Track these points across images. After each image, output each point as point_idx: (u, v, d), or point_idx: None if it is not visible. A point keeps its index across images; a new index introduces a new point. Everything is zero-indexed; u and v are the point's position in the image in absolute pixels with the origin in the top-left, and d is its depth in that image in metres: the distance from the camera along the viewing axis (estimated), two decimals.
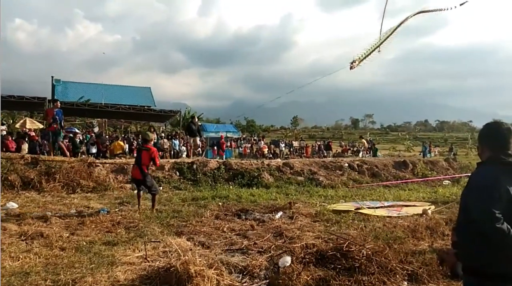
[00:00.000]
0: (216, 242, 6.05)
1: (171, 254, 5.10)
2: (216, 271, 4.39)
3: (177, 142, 21.06)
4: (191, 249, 5.36)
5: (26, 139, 17.62)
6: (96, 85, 31.47)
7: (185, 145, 21.22)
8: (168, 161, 13.90)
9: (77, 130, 26.24)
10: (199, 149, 16.89)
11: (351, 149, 36.64)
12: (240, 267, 4.86)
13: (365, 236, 5.37)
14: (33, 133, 19.42)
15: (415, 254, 5.24)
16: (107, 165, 12.39)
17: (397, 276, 4.43)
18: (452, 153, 31.57)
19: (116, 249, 5.41)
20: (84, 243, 5.70)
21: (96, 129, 31.81)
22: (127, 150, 19.33)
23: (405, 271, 4.54)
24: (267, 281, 4.50)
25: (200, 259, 4.43)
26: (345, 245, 4.66)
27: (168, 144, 20.57)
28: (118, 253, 5.18)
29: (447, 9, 10.86)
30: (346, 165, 15.42)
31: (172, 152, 20.16)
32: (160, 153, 19.14)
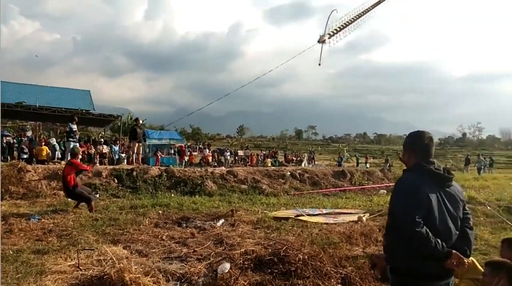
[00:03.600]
0: (154, 250, 5.92)
1: (106, 263, 4.92)
2: (152, 279, 4.32)
3: (117, 148, 20.31)
4: (127, 257, 5.21)
5: None
6: (31, 87, 29.53)
7: (125, 151, 20.54)
8: (106, 168, 13.39)
9: (7, 133, 24.51)
10: (139, 154, 16.34)
11: (295, 158, 37.52)
12: (178, 275, 4.79)
13: (302, 241, 5.53)
14: None
15: (349, 258, 5.48)
16: (40, 170, 11.69)
17: (332, 279, 4.61)
18: (388, 164, 33.35)
19: (46, 257, 5.13)
20: (11, 252, 5.34)
21: (29, 133, 29.89)
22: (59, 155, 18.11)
23: (339, 275, 4.74)
24: None
25: (136, 267, 4.34)
26: (283, 250, 4.78)
27: (107, 150, 19.78)
28: (48, 262, 4.91)
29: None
30: (289, 173, 15.77)
31: (111, 158, 19.38)
32: (98, 157, 18.39)
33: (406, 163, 2.88)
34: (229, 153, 32.35)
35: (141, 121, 17.74)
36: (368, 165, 33.52)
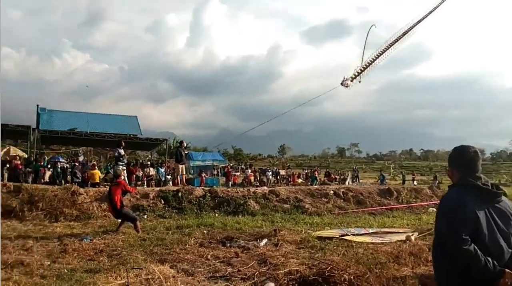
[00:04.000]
0: (199, 269, 6.01)
1: (154, 281, 5.06)
2: None
3: (163, 170, 20.95)
4: (173, 276, 5.32)
5: (7, 166, 17.42)
6: (82, 114, 31.35)
7: (170, 173, 21.11)
8: (153, 189, 13.82)
9: (61, 159, 25.97)
10: (183, 175, 16.76)
11: (338, 177, 36.92)
12: None
13: (347, 261, 5.42)
14: (17, 162, 19.15)
15: (398, 279, 5.30)
16: (91, 193, 12.26)
17: None
18: (437, 181, 31.99)
19: (98, 276, 5.35)
20: (66, 271, 5.64)
21: (81, 158, 31.51)
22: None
23: None
24: None
25: (182, 285, 4.42)
26: (327, 270, 4.71)
27: (154, 172, 20.45)
28: (99, 281, 5.12)
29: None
30: (332, 192, 15.53)
31: (157, 180, 19.99)
32: (144, 179, 19.05)
33: (451, 178, 2.80)
34: (270, 173, 32.41)
35: (185, 144, 18.22)
36: (415, 182, 32.27)
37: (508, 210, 2.59)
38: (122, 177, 10.04)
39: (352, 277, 4.54)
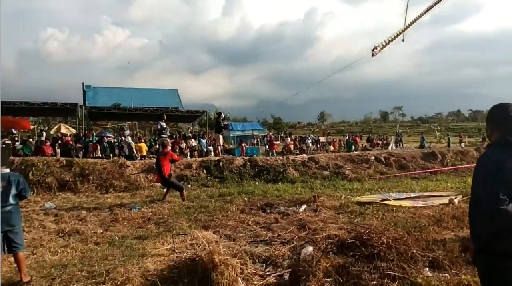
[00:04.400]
0: (241, 234, 6.25)
1: (198, 246, 5.33)
2: (240, 260, 4.58)
3: (204, 141, 21.45)
4: (216, 241, 5.57)
5: (59, 142, 18.52)
6: (125, 89, 32.32)
7: (212, 143, 21.60)
8: (196, 160, 14.25)
9: (108, 134, 27.18)
10: (221, 146, 17.18)
11: (381, 142, 36.12)
12: (263, 257, 5.03)
13: (386, 225, 5.43)
14: (68, 138, 20.28)
15: (438, 242, 5.25)
16: (138, 165, 12.85)
17: (418, 263, 4.48)
18: (485, 142, 30.53)
19: (146, 242, 5.71)
20: (117, 238, 6.06)
21: (127, 132, 32.82)
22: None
23: (425, 258, 4.59)
24: (290, 269, 4.65)
25: (224, 249, 4.64)
26: (365, 233, 4.75)
27: (196, 143, 20.99)
28: (148, 246, 5.47)
29: None
30: (373, 158, 15.31)
31: (200, 151, 20.54)
32: (187, 150, 19.65)
33: (489, 138, 2.72)
34: (310, 140, 32.21)
35: (223, 115, 18.55)
36: (463, 145, 30.98)
37: None
38: (169, 147, 10.39)
39: (390, 240, 4.54)
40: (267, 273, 4.62)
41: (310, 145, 31.23)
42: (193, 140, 21.72)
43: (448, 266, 4.55)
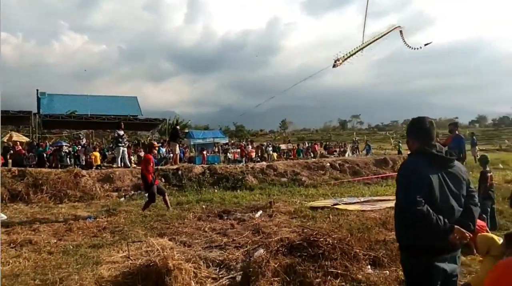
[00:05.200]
0: (196, 241, 6.41)
1: (153, 253, 5.44)
2: (193, 265, 4.76)
3: (164, 150, 21.33)
4: (171, 248, 5.70)
5: (11, 152, 17.82)
6: (81, 97, 31.49)
7: (170, 151, 21.52)
8: (155, 168, 14.19)
9: (64, 143, 26.35)
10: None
11: (338, 149, 37.20)
12: (217, 261, 5.23)
13: (332, 227, 5.78)
14: (19, 147, 19.52)
15: (381, 242, 5.65)
16: (93, 174, 12.65)
17: (360, 261, 4.84)
18: None
19: (101, 251, 5.75)
20: (71, 247, 6.04)
21: (83, 141, 31.90)
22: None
23: (367, 257, 4.96)
24: (242, 272, 4.88)
25: (178, 255, 4.79)
26: (312, 235, 5.07)
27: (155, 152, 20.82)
28: (103, 254, 5.52)
29: (414, 48, 11.49)
30: (328, 164, 15.89)
31: (159, 159, 20.38)
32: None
33: (410, 147, 3.08)
34: (271, 148, 32.69)
35: (178, 127, 19.06)
36: None
37: (461, 174, 2.88)
38: (155, 151, 10.23)
39: (334, 241, 4.89)
40: (220, 275, 4.82)
41: (271, 152, 31.70)
42: None
43: (388, 264, 4.95)
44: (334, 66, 8.93)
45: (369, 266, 4.89)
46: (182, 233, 6.93)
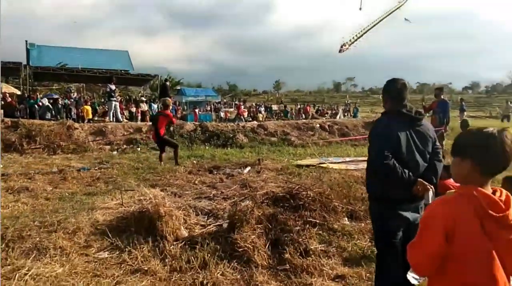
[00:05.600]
0: (187, 192, 6.74)
1: (145, 201, 5.77)
2: (183, 212, 5.12)
3: (155, 106, 21.43)
4: (163, 197, 6.03)
5: (2, 103, 17.79)
6: (72, 49, 30.84)
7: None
8: (146, 124, 14.40)
9: (55, 96, 26.19)
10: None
11: (330, 111, 37.55)
12: (206, 210, 5.58)
13: (315, 182, 6.14)
14: (9, 99, 19.46)
15: (358, 198, 6.03)
16: (86, 127, 12.83)
17: (338, 213, 5.23)
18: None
19: (95, 198, 6.06)
20: (67, 194, 6.36)
21: (74, 95, 31.69)
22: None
23: (345, 210, 5.35)
24: (228, 220, 5.24)
25: (169, 203, 5.12)
26: (295, 189, 5.42)
27: (146, 108, 20.93)
28: (97, 201, 5.83)
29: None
30: (318, 126, 16.20)
31: (151, 115, 20.54)
32: (138, 114, 19.66)
33: (384, 106, 3.33)
34: (263, 108, 32.92)
35: (168, 83, 19.11)
36: None
37: (428, 132, 3.16)
38: (170, 108, 10.40)
39: (315, 194, 5.25)
40: (208, 223, 5.19)
41: (263, 112, 31.95)
42: (144, 104, 21.62)
43: (364, 217, 5.32)
44: (340, 51, 8.91)
45: (346, 218, 5.29)
46: (173, 184, 7.26)
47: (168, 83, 17.87)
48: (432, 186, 3.03)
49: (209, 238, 4.48)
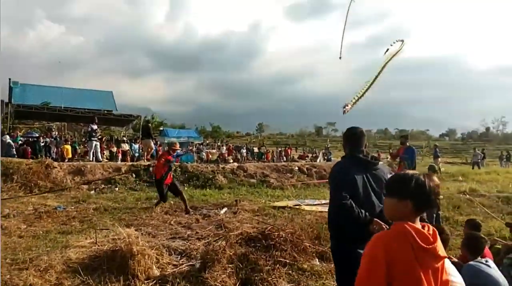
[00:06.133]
0: (162, 232, 6.81)
1: (119, 240, 5.82)
2: (156, 251, 5.20)
3: (136, 146, 21.49)
4: (137, 236, 6.09)
5: None
6: (56, 89, 30.95)
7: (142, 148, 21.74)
8: (125, 164, 14.45)
9: (36, 135, 25.99)
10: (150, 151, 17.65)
11: (310, 155, 38.09)
12: (179, 250, 5.67)
13: (287, 223, 6.31)
14: None
15: (328, 238, 6.20)
16: (65, 166, 12.81)
17: (308, 254, 5.39)
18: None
19: (70, 237, 6.09)
20: (41, 232, 6.35)
21: (55, 133, 31.48)
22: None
23: (315, 250, 5.51)
24: (201, 260, 5.33)
25: (142, 242, 5.20)
26: (267, 229, 5.58)
27: (127, 148, 20.98)
28: (71, 240, 5.86)
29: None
30: (297, 168, 16.51)
31: (132, 156, 20.55)
32: (119, 154, 19.64)
33: (344, 151, 3.63)
34: (245, 150, 33.20)
35: (149, 125, 19.31)
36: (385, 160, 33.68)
37: (384, 175, 3.44)
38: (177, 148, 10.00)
39: (287, 234, 5.41)
40: (181, 263, 5.26)
41: (245, 154, 32.19)
42: (125, 144, 21.66)
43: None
44: (344, 112, 9.33)
45: (316, 259, 5.44)
46: (148, 224, 7.31)
47: (150, 124, 18.10)
48: (387, 226, 3.27)
49: (180, 278, 4.56)
